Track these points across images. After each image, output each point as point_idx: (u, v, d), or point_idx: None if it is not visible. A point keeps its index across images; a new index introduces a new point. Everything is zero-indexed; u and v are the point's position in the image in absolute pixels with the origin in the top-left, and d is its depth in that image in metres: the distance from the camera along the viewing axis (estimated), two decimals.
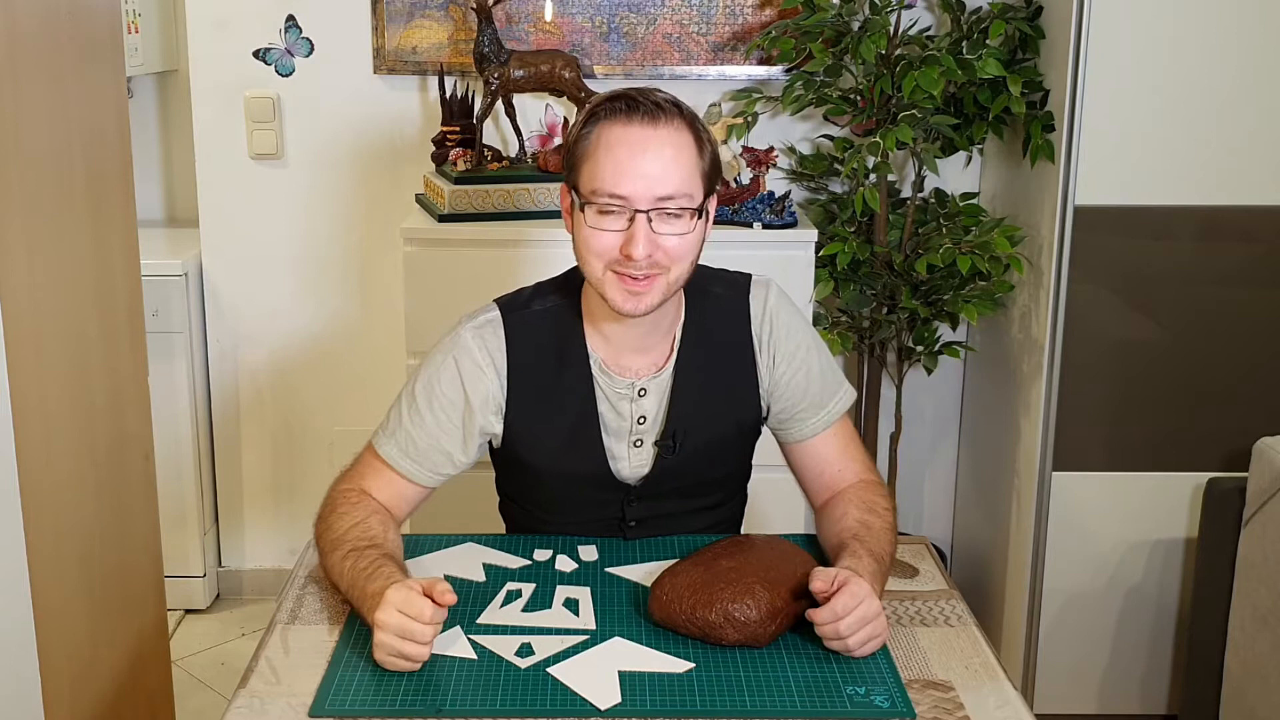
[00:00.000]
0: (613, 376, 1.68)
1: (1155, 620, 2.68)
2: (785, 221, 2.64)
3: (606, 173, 1.54)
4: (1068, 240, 2.50)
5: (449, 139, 2.80)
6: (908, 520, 3.24)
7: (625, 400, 1.69)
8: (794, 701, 1.36)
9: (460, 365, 1.67)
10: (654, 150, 1.54)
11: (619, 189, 1.54)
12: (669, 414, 1.70)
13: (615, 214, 1.55)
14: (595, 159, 1.56)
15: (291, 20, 2.95)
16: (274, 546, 3.27)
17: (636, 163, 1.54)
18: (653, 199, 1.54)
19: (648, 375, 1.69)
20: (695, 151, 1.57)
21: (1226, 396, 2.57)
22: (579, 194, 1.59)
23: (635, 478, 1.72)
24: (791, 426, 1.75)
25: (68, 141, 1.84)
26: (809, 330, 1.77)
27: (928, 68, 2.53)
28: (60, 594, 1.80)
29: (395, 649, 1.40)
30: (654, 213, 1.54)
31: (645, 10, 2.92)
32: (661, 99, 1.57)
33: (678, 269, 1.58)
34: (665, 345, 1.70)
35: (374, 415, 1.78)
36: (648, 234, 1.54)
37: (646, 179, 1.53)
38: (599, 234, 1.56)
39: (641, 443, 1.70)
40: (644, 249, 1.54)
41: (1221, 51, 2.41)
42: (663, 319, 1.67)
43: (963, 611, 1.59)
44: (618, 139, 1.55)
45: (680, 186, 1.55)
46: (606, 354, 1.69)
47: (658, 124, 1.55)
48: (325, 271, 3.10)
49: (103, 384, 1.97)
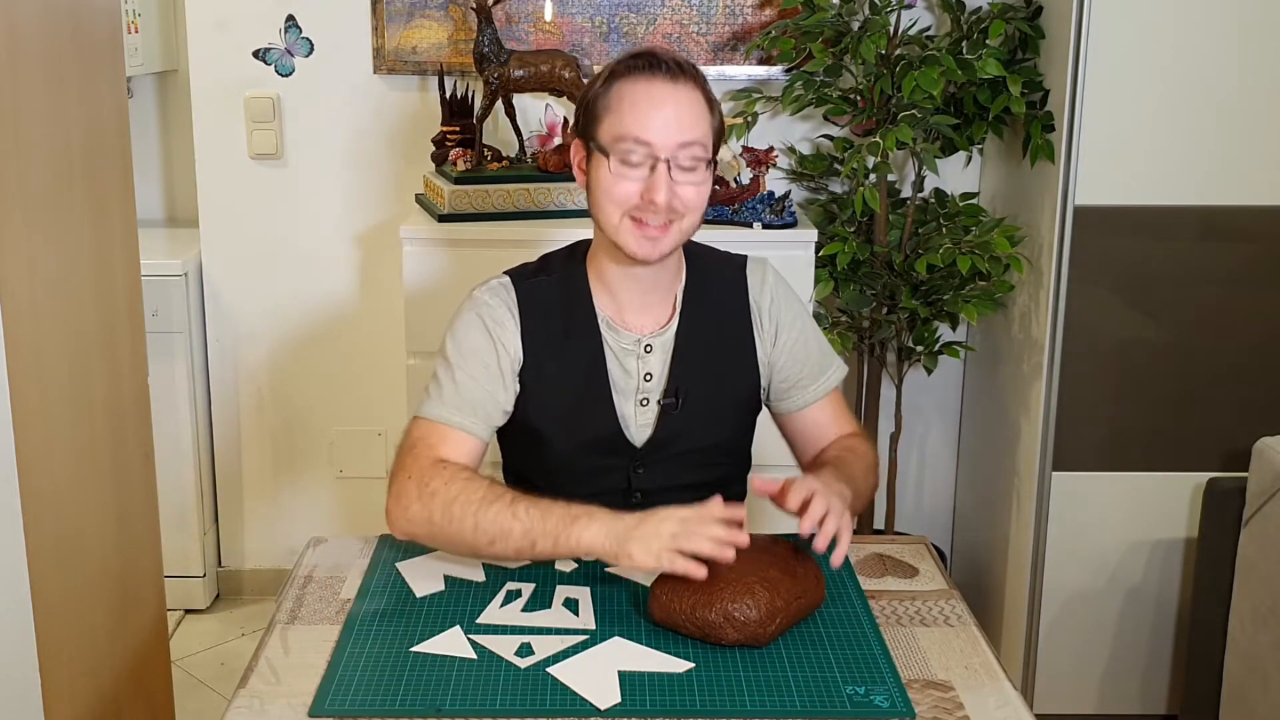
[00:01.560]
0: (619, 332, 1.74)
1: (1155, 620, 2.68)
2: (785, 221, 2.65)
3: (631, 121, 1.63)
4: (1067, 240, 2.50)
5: (449, 139, 2.80)
6: (908, 520, 3.24)
7: (632, 356, 1.74)
8: (794, 701, 1.36)
9: (484, 319, 1.74)
10: (673, 104, 1.64)
11: (645, 135, 1.63)
12: (671, 372, 1.75)
13: (636, 164, 1.63)
14: (619, 111, 1.65)
15: (291, 20, 2.95)
16: (274, 546, 3.26)
17: (660, 113, 1.63)
18: (675, 145, 1.63)
19: (652, 332, 1.75)
20: (708, 110, 1.68)
21: (1226, 396, 2.56)
22: (599, 145, 1.66)
23: (642, 439, 1.76)
24: (791, 395, 1.84)
25: (68, 141, 1.84)
26: (802, 305, 1.88)
27: (928, 68, 2.54)
28: (60, 594, 1.80)
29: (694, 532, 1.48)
30: (673, 161, 1.62)
31: (645, 10, 2.91)
32: (681, 59, 1.68)
33: (690, 218, 1.68)
34: (667, 305, 1.77)
35: (374, 415, 1.79)
36: (668, 181, 1.63)
37: (668, 128, 1.63)
38: (621, 181, 1.65)
39: (647, 402, 1.75)
40: (665, 195, 1.63)
41: (1221, 52, 2.42)
42: (665, 273, 1.74)
43: (963, 611, 1.59)
44: (643, 92, 1.64)
45: (699, 136, 1.65)
46: (613, 312, 1.75)
47: (677, 81, 1.65)
48: (325, 272, 3.10)
49: (103, 384, 1.96)
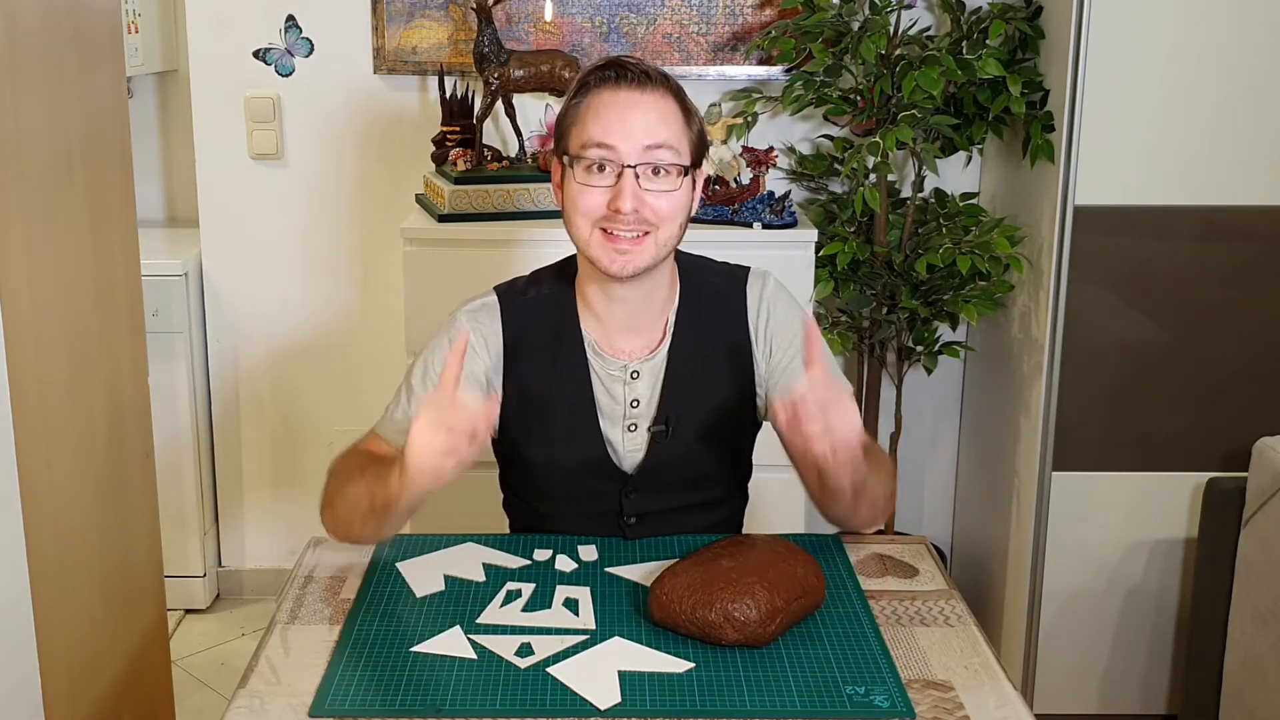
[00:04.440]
0: (605, 358, 1.69)
1: (1155, 620, 2.68)
2: (785, 221, 2.64)
3: (594, 127, 1.58)
4: (1067, 240, 2.50)
5: (449, 139, 2.80)
6: (908, 520, 3.24)
7: (618, 383, 1.69)
8: (794, 701, 1.36)
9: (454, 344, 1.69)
10: (641, 109, 1.58)
11: (608, 138, 1.57)
12: (662, 398, 1.70)
13: (603, 172, 1.57)
14: (584, 121, 1.59)
15: (291, 20, 2.95)
16: (274, 546, 3.27)
17: (625, 118, 1.57)
18: (640, 150, 1.56)
19: (640, 357, 1.70)
20: (682, 117, 1.61)
21: (1226, 396, 2.56)
22: (568, 156, 1.61)
23: (631, 465, 1.72)
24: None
25: (68, 141, 1.84)
26: (807, 320, 1.77)
27: (928, 68, 2.53)
28: (60, 594, 1.80)
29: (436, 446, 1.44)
30: (641, 168, 1.56)
31: (645, 10, 2.91)
32: (649, 68, 1.61)
33: (665, 229, 1.60)
34: (658, 328, 1.71)
35: (374, 415, 1.79)
36: (635, 189, 1.56)
37: (633, 133, 1.57)
38: (586, 190, 1.58)
39: (635, 427, 1.71)
40: (631, 203, 1.56)
41: (1221, 52, 2.42)
42: (654, 294, 1.68)
43: (963, 611, 1.58)
44: (607, 101, 1.59)
45: (667, 139, 1.58)
46: (599, 336, 1.70)
47: (645, 89, 1.59)
48: (325, 271, 3.10)
49: (103, 384, 1.96)
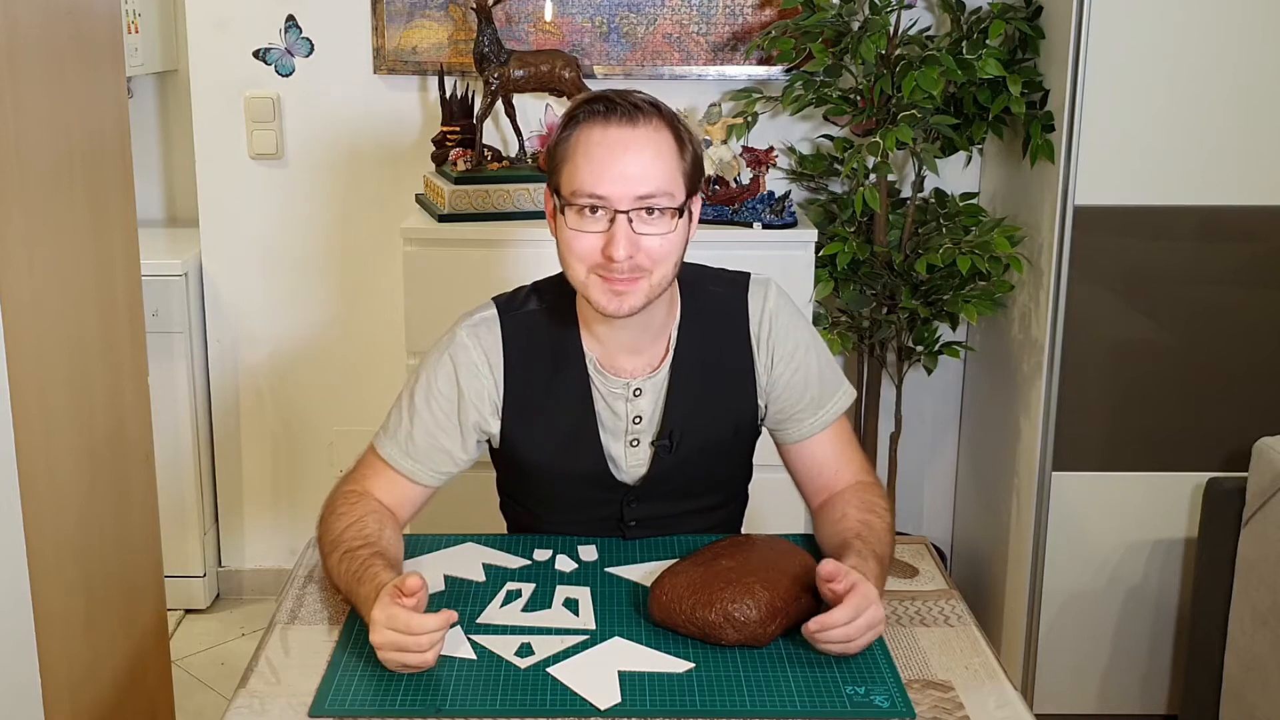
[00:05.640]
0: (607, 376, 1.68)
1: (1155, 620, 2.68)
2: (785, 221, 2.64)
3: (585, 174, 1.53)
4: (1067, 240, 2.50)
5: (449, 139, 2.80)
6: (908, 520, 3.24)
7: (621, 400, 1.68)
8: (794, 701, 1.36)
9: (456, 363, 1.68)
10: (633, 150, 1.53)
11: (598, 189, 1.53)
12: (665, 414, 1.69)
13: (595, 216, 1.54)
14: (574, 161, 1.55)
15: (291, 20, 2.95)
16: (274, 546, 3.27)
17: (616, 163, 1.53)
18: (632, 199, 1.53)
19: (643, 375, 1.69)
20: (675, 151, 1.56)
21: (1226, 396, 2.56)
22: (560, 197, 1.58)
23: (634, 478, 1.72)
24: (788, 427, 1.74)
25: (68, 141, 1.84)
26: (808, 330, 1.76)
27: (928, 68, 2.53)
28: (60, 594, 1.80)
29: (397, 661, 1.40)
30: (634, 213, 1.53)
31: (645, 10, 2.91)
32: (640, 99, 1.56)
33: (660, 271, 1.57)
34: (659, 346, 1.69)
35: (374, 415, 1.79)
36: (628, 235, 1.53)
37: (626, 179, 1.52)
38: (580, 236, 1.55)
39: (638, 442, 1.70)
40: (624, 250, 1.53)
41: (1221, 52, 2.41)
42: (652, 321, 1.66)
43: (963, 611, 1.59)
44: (597, 140, 1.54)
45: (660, 185, 1.54)
46: (601, 354, 1.68)
47: (636, 124, 1.54)
48: (325, 271, 3.10)
49: (103, 384, 1.96)
